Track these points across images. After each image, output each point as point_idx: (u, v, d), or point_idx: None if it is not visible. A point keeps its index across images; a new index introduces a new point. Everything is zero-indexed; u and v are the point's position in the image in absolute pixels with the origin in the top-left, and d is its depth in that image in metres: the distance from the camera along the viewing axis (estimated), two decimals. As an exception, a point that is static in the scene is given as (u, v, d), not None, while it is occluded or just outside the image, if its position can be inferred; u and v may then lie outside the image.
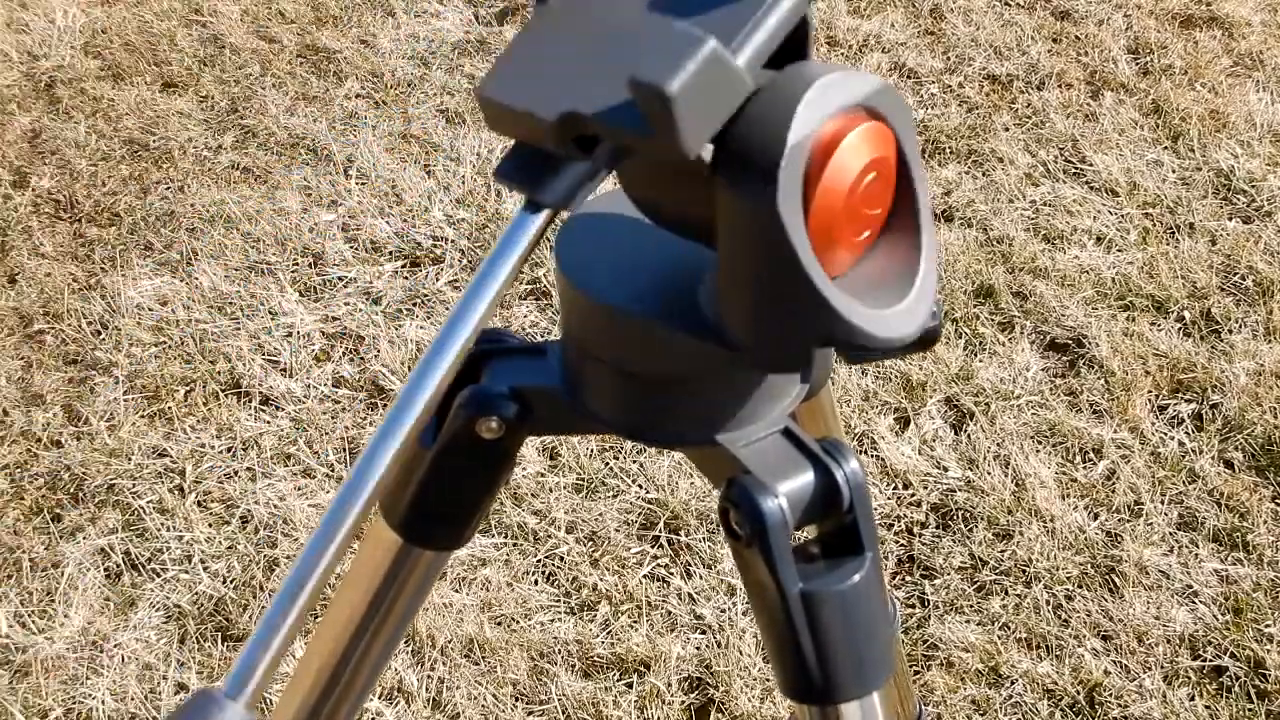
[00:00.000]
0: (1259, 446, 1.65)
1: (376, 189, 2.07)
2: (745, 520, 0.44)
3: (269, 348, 1.79)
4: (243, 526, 1.55)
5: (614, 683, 1.40)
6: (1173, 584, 1.49)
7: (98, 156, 2.15)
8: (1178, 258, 1.94)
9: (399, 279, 1.90)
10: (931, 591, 1.49)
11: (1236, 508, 1.57)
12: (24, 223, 2.01)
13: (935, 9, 2.52)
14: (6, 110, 2.25)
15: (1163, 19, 2.51)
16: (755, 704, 1.37)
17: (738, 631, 1.44)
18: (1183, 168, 2.13)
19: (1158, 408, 1.71)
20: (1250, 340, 1.80)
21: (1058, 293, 1.87)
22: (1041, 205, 2.05)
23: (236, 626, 1.45)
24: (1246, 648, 1.42)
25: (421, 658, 1.42)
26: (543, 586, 1.49)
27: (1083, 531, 1.54)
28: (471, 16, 2.47)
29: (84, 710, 1.37)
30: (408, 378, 0.60)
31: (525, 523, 1.55)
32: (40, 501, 1.58)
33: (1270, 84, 2.34)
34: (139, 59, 2.38)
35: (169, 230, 1.99)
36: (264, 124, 2.21)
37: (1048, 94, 2.30)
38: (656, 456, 1.61)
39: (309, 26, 2.45)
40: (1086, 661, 1.41)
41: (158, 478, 1.61)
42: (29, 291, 1.88)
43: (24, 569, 1.50)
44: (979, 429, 1.67)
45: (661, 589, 1.49)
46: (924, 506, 1.58)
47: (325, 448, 1.64)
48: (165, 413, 1.69)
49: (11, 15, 2.47)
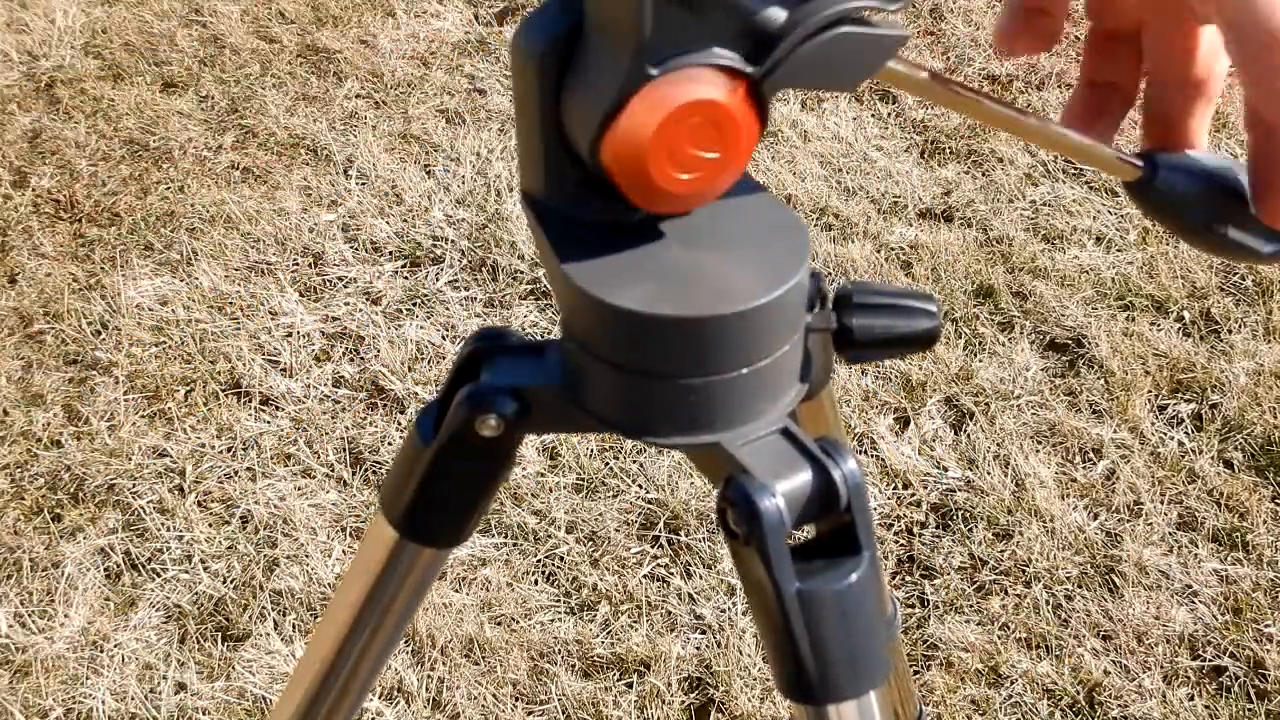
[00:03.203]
0: (1259, 446, 1.65)
1: (376, 189, 2.07)
2: (742, 519, 0.44)
3: (269, 348, 1.79)
4: (243, 526, 1.55)
5: (614, 683, 1.40)
6: (1172, 584, 1.49)
7: (98, 156, 2.15)
8: (1177, 258, 1.94)
9: (399, 279, 1.90)
10: (931, 591, 1.49)
11: (1236, 508, 1.57)
12: (24, 223, 2.01)
13: (935, 9, 2.52)
14: (6, 110, 2.25)
15: (1163, 19, 2.50)
16: (755, 704, 1.37)
17: (738, 631, 1.44)
18: (1182, 168, 2.13)
19: (1157, 408, 1.71)
20: (1250, 340, 1.80)
21: (1057, 293, 1.88)
22: (1041, 205, 2.05)
23: (236, 626, 1.45)
24: (1246, 648, 1.43)
25: (421, 658, 1.42)
26: (543, 586, 1.49)
27: (1082, 531, 1.54)
28: (471, 16, 2.47)
29: (84, 710, 1.37)
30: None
31: (525, 523, 1.55)
32: (40, 501, 1.58)
33: (1270, 84, 2.34)
34: (139, 59, 2.38)
35: (169, 230, 1.99)
36: (264, 124, 2.21)
37: (1048, 94, 2.30)
38: (656, 456, 1.61)
39: (309, 26, 2.45)
40: (1086, 661, 1.41)
41: (158, 478, 1.61)
42: (29, 291, 1.88)
43: (24, 569, 1.50)
44: (979, 429, 1.67)
45: (661, 589, 1.49)
46: (924, 506, 1.58)
47: (325, 448, 1.64)
48: (165, 413, 1.69)
49: (11, 15, 2.47)
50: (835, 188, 2.08)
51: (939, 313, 0.51)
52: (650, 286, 0.44)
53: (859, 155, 2.15)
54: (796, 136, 2.19)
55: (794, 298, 0.45)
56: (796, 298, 0.45)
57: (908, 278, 1.91)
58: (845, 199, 2.06)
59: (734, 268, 0.45)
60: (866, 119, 2.24)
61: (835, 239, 1.98)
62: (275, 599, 1.47)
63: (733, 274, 0.45)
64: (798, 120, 2.23)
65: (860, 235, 1.98)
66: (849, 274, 1.92)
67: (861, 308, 0.49)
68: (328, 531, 1.54)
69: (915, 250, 1.95)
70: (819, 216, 2.03)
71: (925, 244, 1.96)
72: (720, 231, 0.46)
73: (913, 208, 2.05)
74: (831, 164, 2.13)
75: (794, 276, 0.44)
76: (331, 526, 1.55)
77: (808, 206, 2.04)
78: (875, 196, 2.07)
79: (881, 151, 2.17)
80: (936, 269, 1.92)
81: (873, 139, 2.20)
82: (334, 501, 1.58)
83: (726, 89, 0.41)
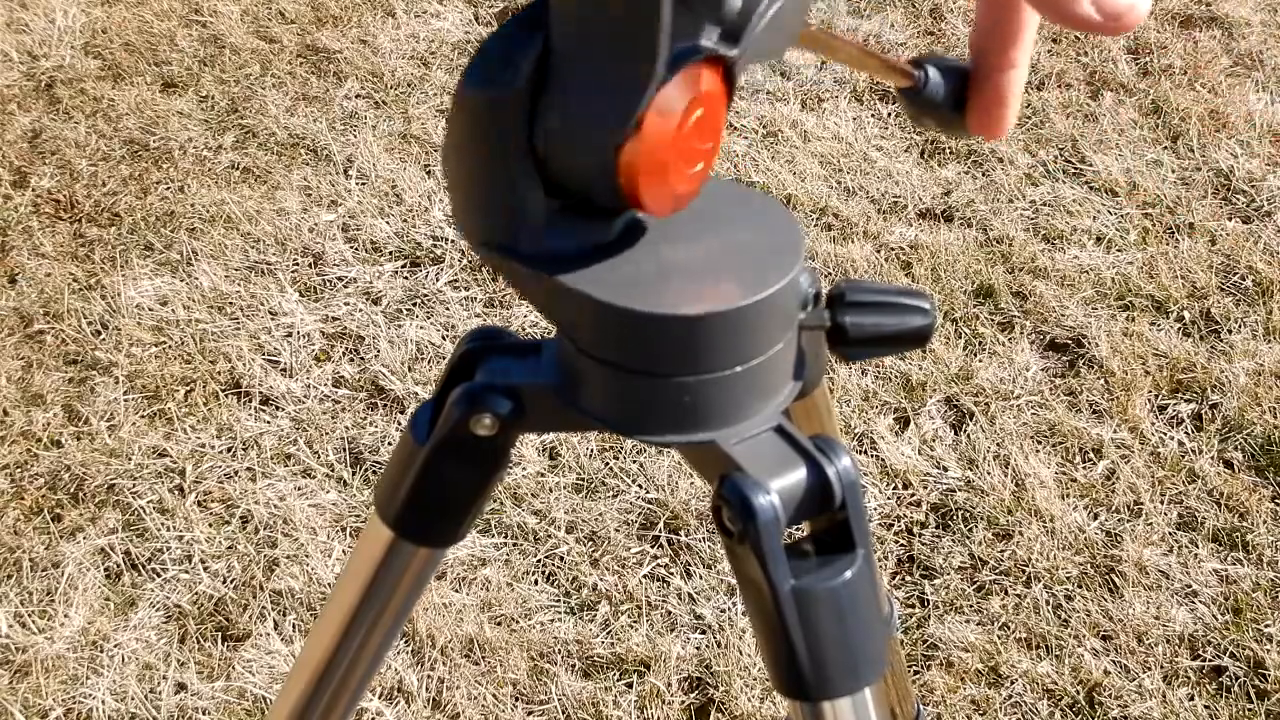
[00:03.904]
0: (1259, 446, 1.65)
1: (376, 189, 2.07)
2: (737, 517, 0.44)
3: (269, 348, 1.79)
4: (243, 526, 1.55)
5: (614, 683, 1.40)
6: (1172, 584, 1.49)
7: (98, 156, 2.15)
8: (1177, 258, 1.94)
9: (399, 279, 1.90)
10: (931, 591, 1.49)
11: (1236, 508, 1.57)
12: (24, 223, 2.01)
13: (935, 9, 2.52)
14: (6, 110, 2.25)
15: (1162, 19, 2.50)
16: (755, 704, 1.37)
17: (738, 631, 1.43)
18: (1182, 168, 2.13)
19: (1157, 408, 1.71)
20: (1250, 340, 1.80)
21: (1057, 293, 1.87)
22: (1041, 205, 2.05)
23: (236, 626, 1.45)
24: (1246, 648, 1.42)
25: (421, 658, 1.42)
26: (543, 586, 1.49)
27: (1082, 531, 1.54)
28: (471, 16, 2.47)
29: (84, 710, 1.37)
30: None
31: (525, 523, 1.55)
32: (40, 501, 1.59)
33: (1270, 84, 2.34)
34: (139, 59, 2.38)
35: (169, 230, 1.99)
36: (264, 124, 2.21)
37: (1047, 94, 2.30)
38: (656, 456, 1.61)
39: (309, 26, 2.45)
40: (1086, 661, 1.41)
41: (158, 478, 1.61)
42: (29, 291, 1.88)
43: (24, 569, 1.50)
44: (979, 429, 1.67)
45: (661, 589, 1.49)
46: (924, 506, 1.58)
47: (325, 448, 1.64)
48: (165, 413, 1.69)
49: (11, 15, 2.47)
50: (835, 188, 2.08)
51: (933, 310, 0.51)
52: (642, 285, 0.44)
53: (859, 155, 2.15)
54: (796, 136, 2.19)
55: (787, 295, 0.45)
56: (790, 295, 0.45)
57: (908, 278, 1.91)
58: (845, 199, 2.06)
59: (726, 265, 0.45)
60: (866, 119, 2.24)
61: (835, 239, 1.98)
62: (275, 599, 1.47)
63: (725, 272, 0.45)
64: (798, 120, 2.23)
65: (860, 235, 1.98)
66: (849, 274, 1.92)
67: (855, 305, 0.49)
68: (328, 531, 1.54)
69: (915, 250, 1.95)
70: (819, 216, 2.02)
71: (925, 244, 1.96)
72: (712, 230, 0.46)
73: (913, 208, 2.05)
74: (831, 164, 2.13)
75: (787, 274, 0.44)
76: (331, 526, 1.55)
77: (808, 206, 2.04)
78: (875, 196, 2.07)
79: (881, 151, 2.16)
80: (936, 269, 1.92)
81: (873, 139, 2.19)
82: (334, 501, 1.58)
83: (715, 77, 0.41)
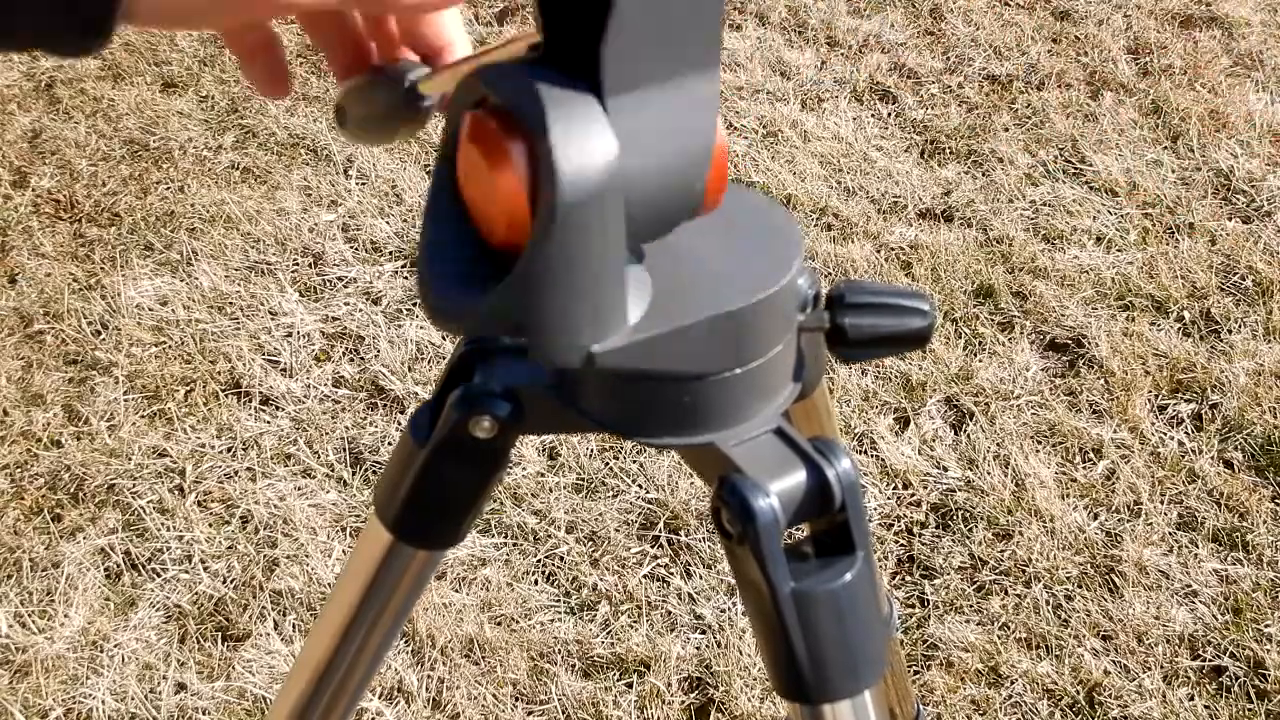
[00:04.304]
0: (1258, 446, 1.65)
1: (376, 189, 2.07)
2: (736, 519, 0.44)
3: (269, 348, 1.79)
4: (243, 526, 1.55)
5: (614, 683, 1.40)
6: (1172, 584, 1.49)
7: (98, 156, 2.15)
8: (1177, 258, 1.94)
9: (399, 279, 1.90)
10: (931, 591, 1.49)
11: (1236, 508, 1.57)
12: (24, 223, 2.01)
13: (935, 9, 2.52)
14: (6, 110, 2.25)
15: (1162, 19, 2.50)
16: (755, 704, 1.37)
17: (737, 631, 1.43)
18: (1182, 168, 2.13)
19: (1157, 408, 1.71)
20: (1250, 340, 1.80)
21: (1057, 293, 1.87)
22: (1041, 205, 2.05)
23: (236, 626, 1.45)
24: (1246, 648, 1.42)
25: (421, 658, 1.42)
26: (543, 586, 1.49)
27: (1082, 531, 1.54)
28: (471, 16, 2.47)
29: (84, 710, 1.37)
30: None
31: (525, 523, 1.55)
32: (40, 501, 1.59)
33: (1270, 84, 2.34)
34: (139, 59, 2.38)
35: (169, 230, 1.99)
36: (264, 124, 2.21)
37: (1047, 94, 2.30)
38: (656, 456, 1.61)
39: (309, 27, 2.45)
40: (1086, 661, 1.41)
41: (158, 478, 1.61)
42: (29, 291, 1.88)
43: (24, 569, 1.50)
44: (979, 429, 1.67)
45: (661, 589, 1.49)
46: (924, 506, 1.58)
47: (325, 448, 1.64)
48: (165, 413, 1.69)
49: (12, 16, 2.47)
50: (835, 188, 2.08)
51: (932, 311, 0.51)
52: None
53: (859, 155, 2.15)
54: (796, 136, 2.19)
55: (786, 297, 0.45)
56: (788, 297, 0.45)
57: (908, 278, 1.91)
58: (845, 199, 2.06)
59: (725, 268, 0.45)
60: (866, 119, 2.24)
61: (835, 239, 1.98)
62: (275, 599, 1.47)
63: (724, 274, 0.45)
64: (798, 120, 2.23)
65: (860, 235, 1.98)
66: (849, 274, 1.92)
67: (854, 307, 0.49)
68: (328, 531, 1.54)
69: (915, 250, 1.95)
70: (819, 216, 2.02)
71: (925, 244, 1.96)
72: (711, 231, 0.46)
73: (913, 208, 2.05)
74: (831, 164, 2.13)
75: (785, 276, 0.44)
76: (331, 526, 1.55)
77: (808, 206, 2.04)
78: (875, 196, 2.07)
79: (881, 151, 2.16)
80: (936, 269, 1.92)
81: (873, 139, 2.19)
82: (334, 501, 1.58)
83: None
